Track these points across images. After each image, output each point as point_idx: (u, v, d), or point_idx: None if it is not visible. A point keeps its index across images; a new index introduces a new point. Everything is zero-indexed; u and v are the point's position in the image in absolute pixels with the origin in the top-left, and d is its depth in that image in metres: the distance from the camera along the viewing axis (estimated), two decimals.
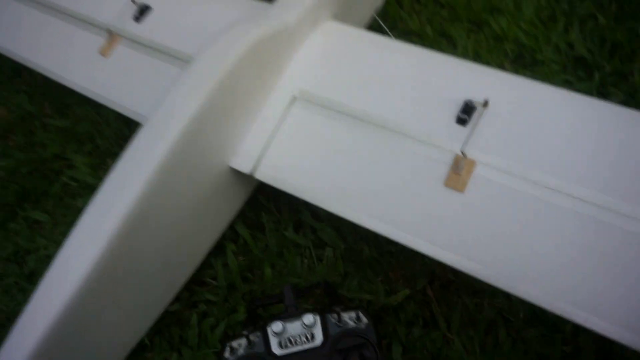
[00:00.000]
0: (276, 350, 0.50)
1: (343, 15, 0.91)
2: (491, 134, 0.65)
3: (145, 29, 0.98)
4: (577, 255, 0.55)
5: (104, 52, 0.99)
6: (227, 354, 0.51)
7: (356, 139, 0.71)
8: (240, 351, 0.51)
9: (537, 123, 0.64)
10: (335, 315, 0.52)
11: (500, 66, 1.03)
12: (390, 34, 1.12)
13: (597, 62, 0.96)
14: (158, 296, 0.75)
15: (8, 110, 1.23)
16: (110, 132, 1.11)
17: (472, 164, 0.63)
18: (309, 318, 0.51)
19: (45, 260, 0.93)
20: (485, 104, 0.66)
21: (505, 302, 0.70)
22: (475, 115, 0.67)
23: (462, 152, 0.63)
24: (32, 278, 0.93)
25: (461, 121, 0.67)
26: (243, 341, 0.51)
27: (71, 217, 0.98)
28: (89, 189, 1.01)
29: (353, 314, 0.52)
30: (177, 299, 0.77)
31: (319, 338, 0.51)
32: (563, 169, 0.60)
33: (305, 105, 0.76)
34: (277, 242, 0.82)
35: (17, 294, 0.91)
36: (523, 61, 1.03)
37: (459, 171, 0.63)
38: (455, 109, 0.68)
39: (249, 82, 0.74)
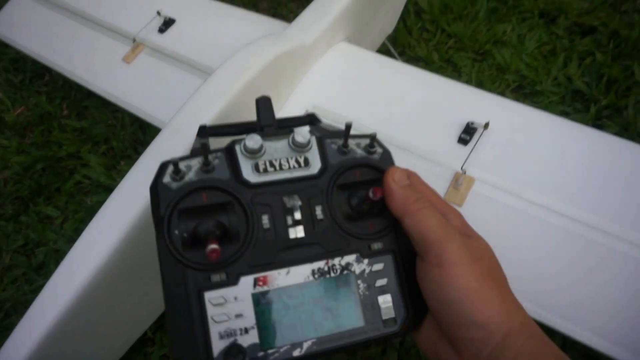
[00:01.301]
0: (250, 175, 0.33)
1: (356, 38, 0.97)
2: (490, 154, 0.69)
3: (168, 40, 1.03)
4: (565, 269, 0.58)
5: (127, 59, 1.05)
6: (166, 179, 0.32)
7: None
8: (190, 175, 0.33)
9: (534, 146, 0.69)
10: (337, 142, 0.36)
11: (502, 94, 1.08)
12: (399, 58, 1.18)
13: (594, 96, 1.01)
14: None
15: (27, 110, 1.28)
16: (126, 135, 1.15)
17: (471, 180, 0.67)
18: (302, 133, 0.35)
19: (54, 254, 0.97)
20: (486, 125, 0.70)
21: None
22: (476, 135, 0.71)
23: (462, 169, 0.68)
24: (40, 270, 0.96)
25: (462, 141, 0.71)
26: (195, 162, 0.33)
27: (82, 214, 1.02)
28: (102, 188, 1.05)
29: (363, 142, 0.37)
30: None
31: (315, 165, 0.35)
32: (556, 189, 0.64)
33: None
34: None
35: (24, 285, 0.94)
36: (523, 91, 1.08)
37: (458, 187, 0.67)
38: (457, 130, 0.73)
39: (266, 94, 0.78)
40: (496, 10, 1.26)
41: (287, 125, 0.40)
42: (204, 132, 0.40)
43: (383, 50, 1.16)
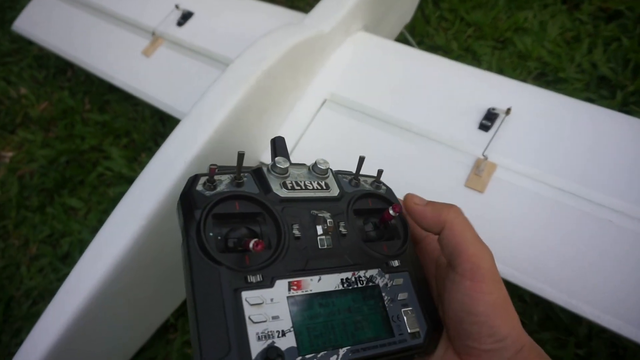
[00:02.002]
0: (278, 191, 0.36)
1: (374, 27, 0.96)
2: (512, 140, 0.68)
3: (187, 33, 1.04)
4: (592, 255, 0.57)
5: (147, 53, 1.06)
6: (199, 187, 0.35)
7: (382, 140, 0.75)
8: (222, 187, 0.35)
9: (557, 131, 0.67)
10: (347, 177, 0.40)
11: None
12: (417, 47, 1.17)
13: (620, 82, 0.98)
14: None
15: (51, 105, 1.31)
16: (146, 127, 1.17)
17: (492, 166, 0.66)
18: (322, 163, 0.38)
19: (79, 244, 0.99)
20: (508, 111, 0.69)
21: (519, 304, 0.71)
22: (497, 122, 0.70)
23: (483, 155, 0.66)
24: (65, 259, 0.98)
25: (484, 127, 0.70)
26: (225, 177, 0.36)
27: (105, 205, 1.04)
28: (124, 180, 1.07)
29: (369, 179, 0.41)
30: None
31: (335, 189, 0.38)
32: (580, 175, 0.62)
33: (334, 107, 0.80)
34: None
35: (50, 274, 0.96)
36: (546, 79, 1.06)
37: (479, 173, 0.66)
38: (478, 116, 0.72)
39: (284, 83, 0.78)
40: None
41: None
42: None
43: (401, 39, 1.15)
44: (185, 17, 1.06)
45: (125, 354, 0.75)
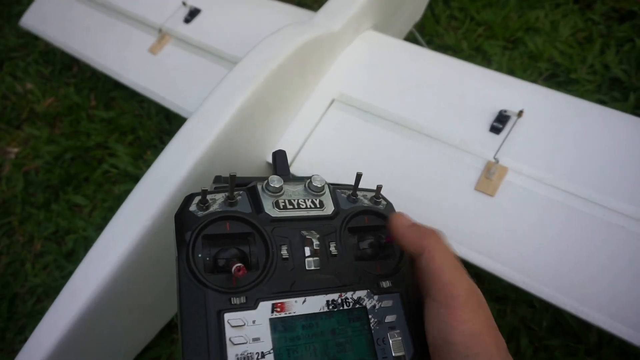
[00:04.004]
0: (270, 211, 0.36)
1: (383, 26, 0.95)
2: (524, 143, 0.67)
3: (194, 31, 1.03)
4: (603, 263, 0.56)
5: (153, 50, 1.05)
6: (193, 208, 0.35)
7: (391, 141, 0.74)
8: (215, 207, 0.36)
9: (571, 135, 0.66)
10: (346, 192, 0.40)
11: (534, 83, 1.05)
12: (426, 47, 1.15)
13: (633, 84, 0.96)
14: None
15: (56, 100, 1.30)
16: (152, 125, 1.16)
17: (503, 170, 0.65)
18: (318, 179, 0.38)
19: (84, 242, 0.98)
20: (520, 113, 0.67)
21: (528, 310, 0.70)
22: (509, 124, 0.68)
23: (495, 159, 0.65)
24: (69, 257, 0.97)
25: (495, 129, 0.69)
26: (219, 196, 0.36)
27: (110, 203, 1.03)
28: (129, 177, 1.07)
29: (369, 194, 0.40)
30: None
31: (329, 207, 0.38)
32: (594, 180, 0.61)
33: (343, 107, 0.79)
34: None
35: (54, 271, 0.96)
36: (557, 79, 1.04)
37: (490, 176, 0.64)
38: (489, 118, 0.71)
39: (292, 82, 0.77)
40: None
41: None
42: (219, 180, 0.43)
43: (410, 39, 1.13)
44: (193, 14, 1.05)
45: (130, 353, 0.75)
